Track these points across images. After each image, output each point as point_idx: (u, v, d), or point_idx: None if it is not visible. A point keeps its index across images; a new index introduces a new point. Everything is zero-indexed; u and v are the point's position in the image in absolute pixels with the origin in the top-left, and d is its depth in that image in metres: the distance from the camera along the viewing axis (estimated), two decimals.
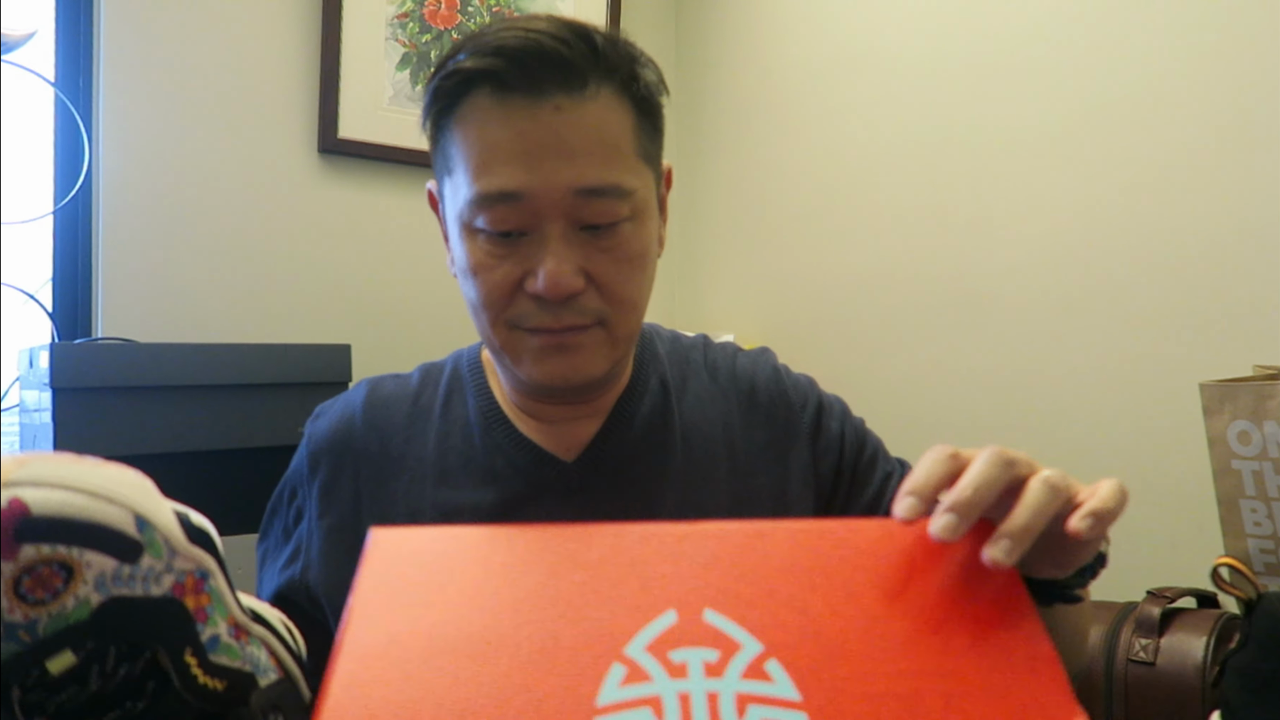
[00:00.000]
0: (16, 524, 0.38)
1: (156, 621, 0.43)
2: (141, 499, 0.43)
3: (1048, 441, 1.56)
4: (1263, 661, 0.56)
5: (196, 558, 0.46)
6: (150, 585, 0.43)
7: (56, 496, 0.40)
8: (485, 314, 0.68)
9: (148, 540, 0.42)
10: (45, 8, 1.68)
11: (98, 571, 0.41)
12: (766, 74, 2.09)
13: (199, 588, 0.45)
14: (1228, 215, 1.36)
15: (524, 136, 0.63)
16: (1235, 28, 1.35)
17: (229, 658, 0.46)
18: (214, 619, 0.46)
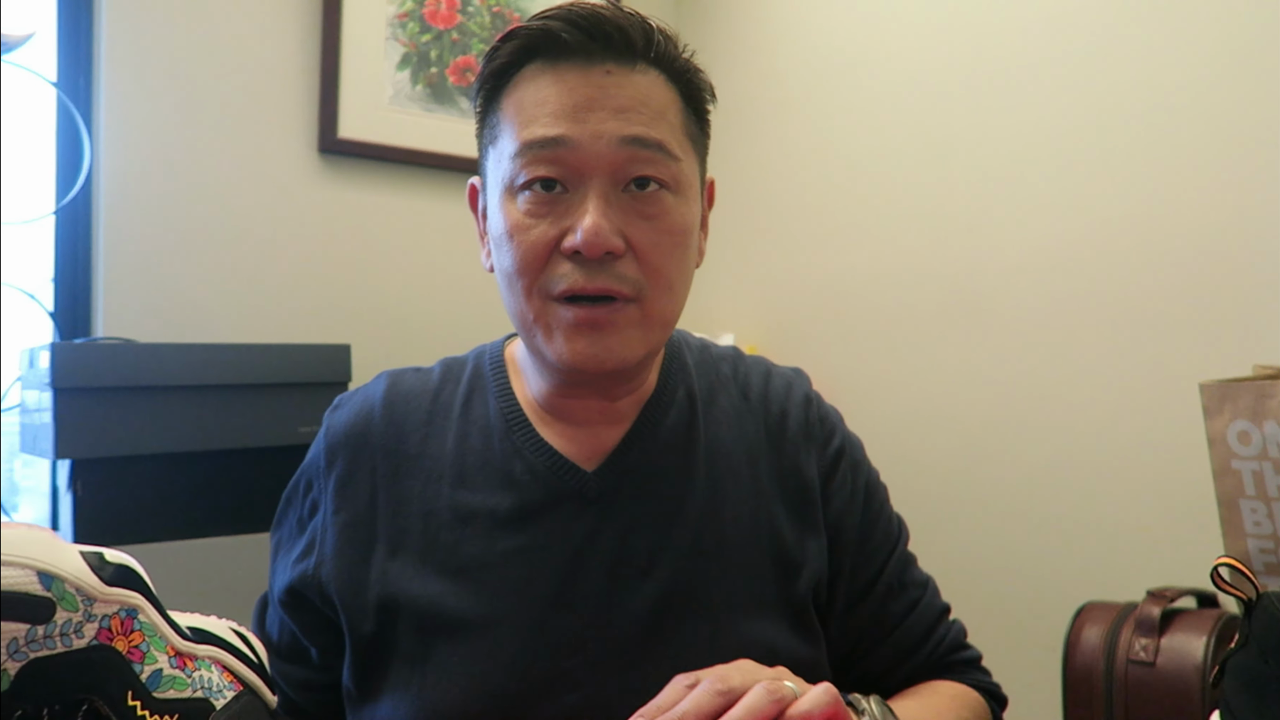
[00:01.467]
0: None
1: (87, 673, 0.42)
2: (43, 554, 0.42)
3: (1048, 442, 1.56)
4: (1263, 661, 0.56)
5: (119, 598, 0.45)
6: (71, 639, 0.42)
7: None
8: (520, 281, 0.66)
9: (57, 594, 0.42)
10: (46, 8, 1.68)
11: (9, 639, 0.40)
12: (767, 75, 2.09)
13: (128, 627, 0.45)
14: (1228, 215, 1.36)
15: (573, 91, 0.64)
16: (1235, 29, 1.35)
17: (176, 689, 0.46)
18: (151, 654, 0.46)
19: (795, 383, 0.82)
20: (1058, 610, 1.32)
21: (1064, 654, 1.20)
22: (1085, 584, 1.43)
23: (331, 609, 0.72)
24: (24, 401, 1.48)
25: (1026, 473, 1.59)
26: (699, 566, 0.71)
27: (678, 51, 0.69)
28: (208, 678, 0.48)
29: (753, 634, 0.71)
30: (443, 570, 0.69)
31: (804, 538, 0.75)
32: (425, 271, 1.95)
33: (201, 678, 0.48)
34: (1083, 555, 1.50)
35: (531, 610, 0.68)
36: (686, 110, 0.70)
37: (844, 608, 0.78)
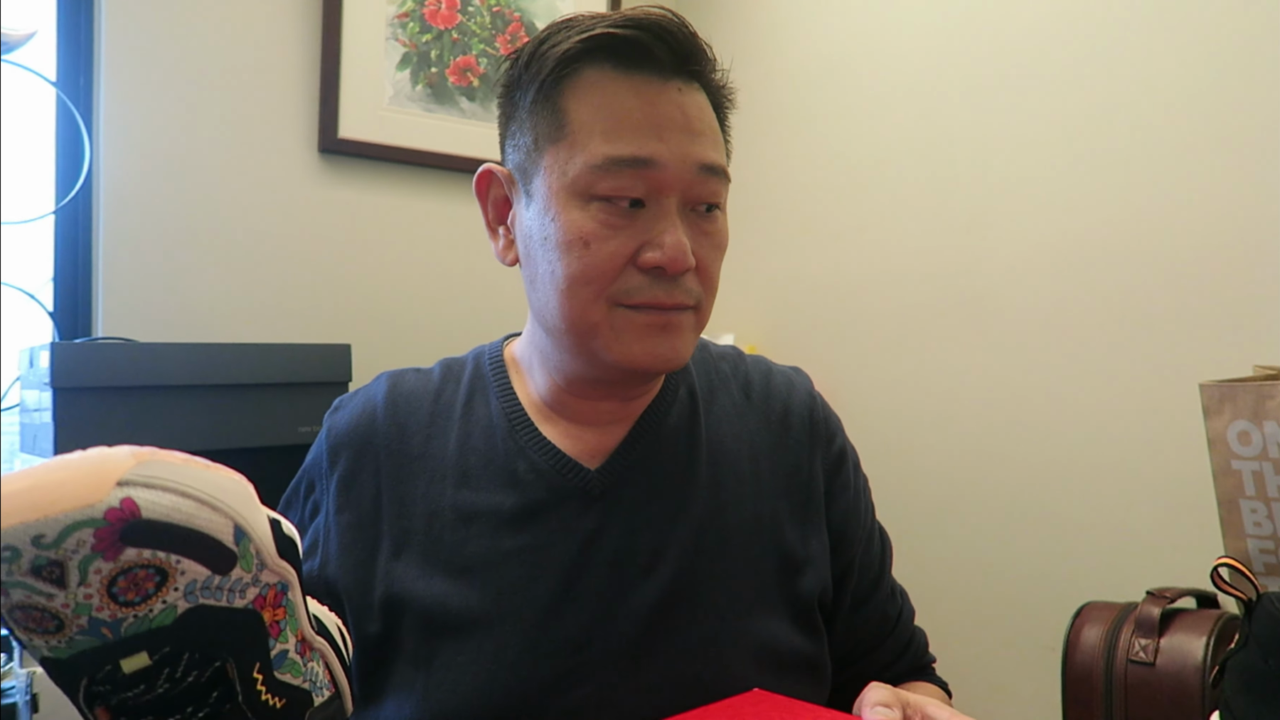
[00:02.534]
0: (125, 525, 0.39)
1: (234, 634, 0.43)
2: (243, 509, 0.43)
3: (1048, 442, 1.56)
4: (1263, 661, 0.56)
5: (282, 571, 0.46)
6: (235, 597, 0.43)
7: (167, 501, 0.40)
8: (586, 289, 0.66)
9: (242, 552, 0.42)
10: (46, 8, 1.68)
11: (190, 579, 0.41)
12: (766, 75, 2.09)
13: (277, 600, 0.45)
14: (1228, 215, 1.36)
15: (655, 108, 0.66)
16: (1235, 29, 1.35)
17: (292, 674, 0.46)
18: (285, 634, 0.46)
19: (796, 381, 0.83)
20: (1058, 610, 1.32)
21: (1064, 654, 1.20)
22: (1085, 584, 1.43)
23: (339, 607, 0.71)
24: (24, 401, 1.48)
25: (1026, 472, 1.59)
26: (702, 564, 0.71)
27: (714, 59, 0.71)
28: (316, 671, 0.48)
29: (755, 631, 0.71)
30: (447, 570, 0.69)
31: (807, 536, 0.76)
32: (425, 271, 1.95)
33: (312, 669, 0.48)
34: (1083, 555, 1.50)
35: (536, 609, 0.68)
36: (722, 128, 0.72)
37: (851, 606, 0.78)
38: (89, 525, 0.38)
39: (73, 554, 0.38)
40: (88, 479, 0.39)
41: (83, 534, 0.38)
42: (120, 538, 0.38)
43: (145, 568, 0.39)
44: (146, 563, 0.39)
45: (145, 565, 0.39)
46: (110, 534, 0.38)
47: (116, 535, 0.38)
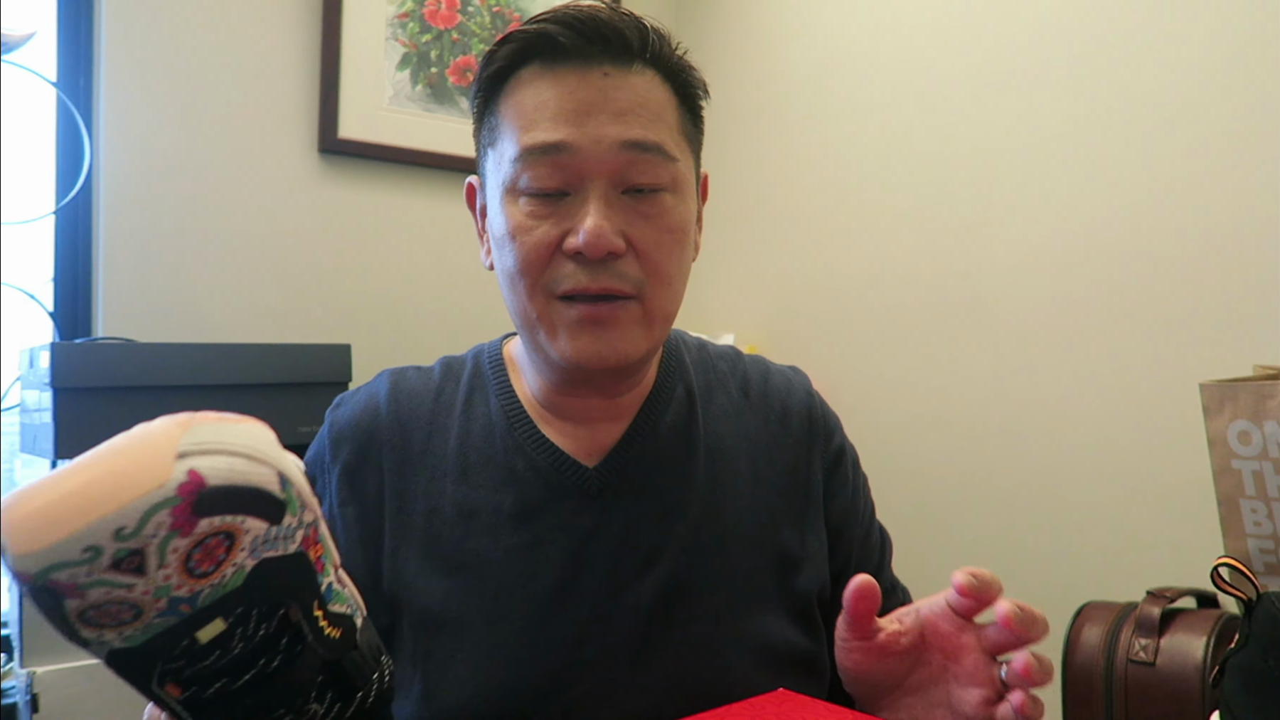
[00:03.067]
0: (195, 497, 0.38)
1: (292, 578, 0.43)
2: (279, 455, 0.43)
3: (1048, 442, 1.56)
4: (1263, 661, 0.56)
5: (314, 506, 0.45)
6: (288, 543, 0.42)
7: (223, 464, 0.39)
8: (522, 281, 0.67)
9: (287, 498, 0.42)
10: (46, 8, 1.68)
11: (252, 536, 0.40)
12: (766, 75, 2.09)
13: (315, 537, 0.45)
14: (1228, 215, 1.36)
15: (572, 95, 0.65)
16: (1235, 29, 1.35)
17: (339, 604, 0.46)
18: (327, 567, 0.46)
19: (795, 380, 0.83)
20: (1058, 610, 1.32)
21: (1064, 654, 1.20)
22: (1085, 584, 1.43)
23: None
24: (24, 401, 1.48)
25: (1026, 473, 1.59)
26: (699, 561, 0.71)
27: (672, 50, 0.70)
28: (353, 596, 0.49)
29: (753, 629, 0.71)
30: (446, 567, 0.70)
31: (805, 534, 0.76)
32: (425, 271, 1.95)
33: (350, 594, 0.48)
34: (1083, 555, 1.50)
35: (534, 606, 0.68)
36: (682, 109, 0.71)
37: None
38: (165, 505, 0.37)
39: (151, 538, 0.37)
40: (149, 459, 0.38)
41: (160, 516, 0.37)
42: (193, 511, 0.38)
43: (216, 535, 0.39)
44: (217, 530, 0.39)
45: (216, 533, 0.39)
46: (184, 509, 0.38)
47: (190, 509, 0.38)
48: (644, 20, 0.68)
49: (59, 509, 0.36)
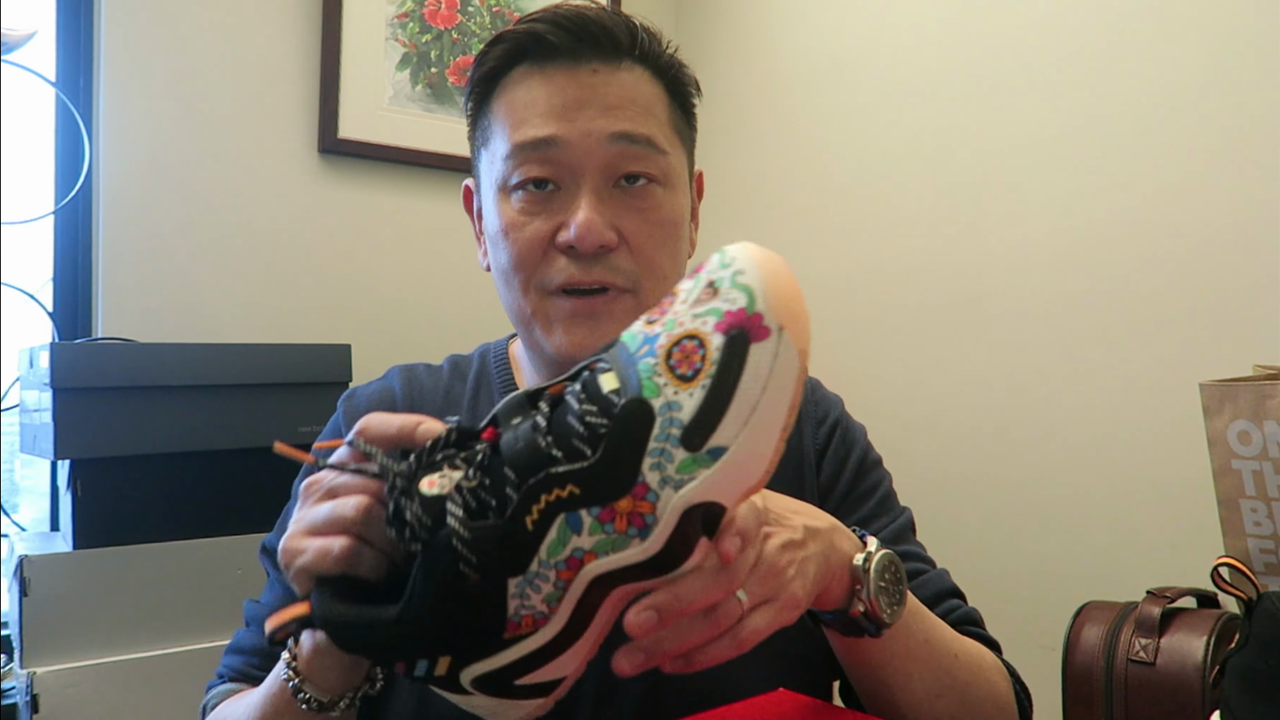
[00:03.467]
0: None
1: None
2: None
3: (1048, 441, 1.56)
4: (1263, 661, 0.56)
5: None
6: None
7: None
8: (516, 277, 0.68)
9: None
10: (45, 8, 1.68)
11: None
12: (766, 74, 2.09)
13: None
14: (1227, 215, 1.36)
15: (562, 91, 0.66)
16: (1235, 29, 1.35)
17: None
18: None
19: None
20: (1058, 610, 1.32)
21: (1064, 654, 1.20)
22: (1085, 584, 1.43)
23: None
24: (24, 401, 1.48)
25: (1026, 472, 1.59)
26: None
27: (662, 48, 0.71)
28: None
29: (760, 658, 0.69)
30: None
31: None
32: (425, 271, 1.95)
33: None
34: (1083, 555, 1.50)
35: None
36: (673, 105, 0.71)
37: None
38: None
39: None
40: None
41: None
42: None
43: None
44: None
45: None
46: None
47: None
48: (633, 19, 0.69)
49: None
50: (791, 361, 0.43)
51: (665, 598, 0.45)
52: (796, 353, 0.43)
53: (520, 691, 0.46)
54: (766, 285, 0.43)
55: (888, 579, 0.58)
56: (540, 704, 0.48)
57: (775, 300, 0.43)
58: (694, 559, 0.45)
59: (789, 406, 0.44)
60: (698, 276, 0.46)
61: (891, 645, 0.60)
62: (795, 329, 0.43)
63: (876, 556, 0.58)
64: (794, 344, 0.43)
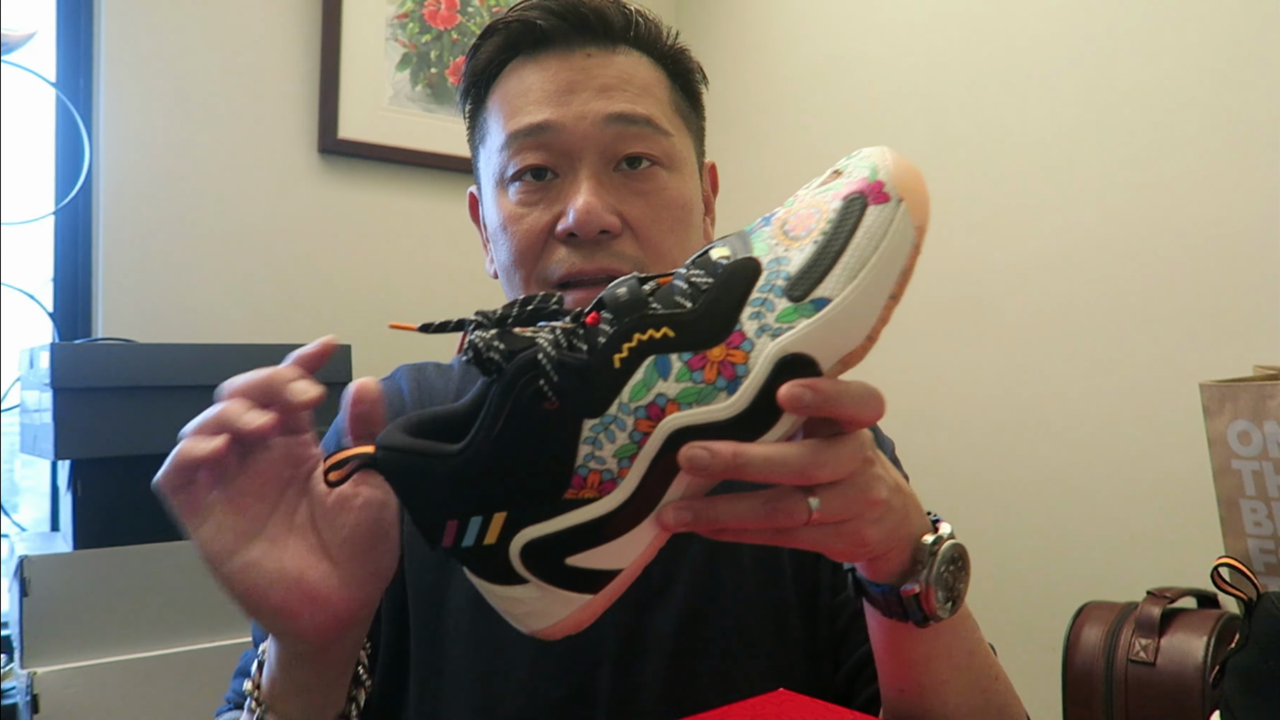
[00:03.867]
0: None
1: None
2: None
3: (1048, 441, 1.56)
4: (1263, 661, 0.56)
5: None
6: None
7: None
8: (518, 273, 0.65)
9: None
10: (45, 8, 1.68)
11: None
12: (766, 74, 2.09)
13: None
14: (1228, 215, 1.36)
15: (555, 77, 0.64)
16: (1235, 28, 1.35)
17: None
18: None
19: None
20: (1058, 610, 1.32)
21: (1064, 654, 1.20)
22: (1085, 584, 1.43)
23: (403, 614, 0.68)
24: (24, 401, 1.48)
25: (1026, 472, 1.59)
26: (712, 586, 0.67)
27: (660, 34, 0.68)
28: None
29: (766, 659, 0.67)
30: (458, 585, 0.66)
31: None
32: (425, 271, 1.95)
33: None
34: (1083, 555, 1.50)
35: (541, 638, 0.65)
36: (674, 88, 0.69)
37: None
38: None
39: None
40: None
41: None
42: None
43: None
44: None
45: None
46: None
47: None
48: (626, 4, 0.67)
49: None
50: (907, 232, 0.42)
51: (730, 447, 0.41)
52: (914, 228, 0.42)
53: (569, 577, 0.43)
54: (892, 165, 0.43)
55: (950, 570, 0.53)
56: (588, 606, 0.44)
57: (899, 176, 0.43)
58: (779, 430, 0.42)
59: (900, 273, 0.43)
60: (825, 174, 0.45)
61: (935, 643, 0.56)
62: (915, 205, 0.43)
63: (947, 542, 0.54)
64: (912, 218, 0.42)
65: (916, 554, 0.52)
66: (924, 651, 0.56)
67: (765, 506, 0.43)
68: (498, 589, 0.44)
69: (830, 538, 0.45)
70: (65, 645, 1.25)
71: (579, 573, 0.43)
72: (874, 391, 0.47)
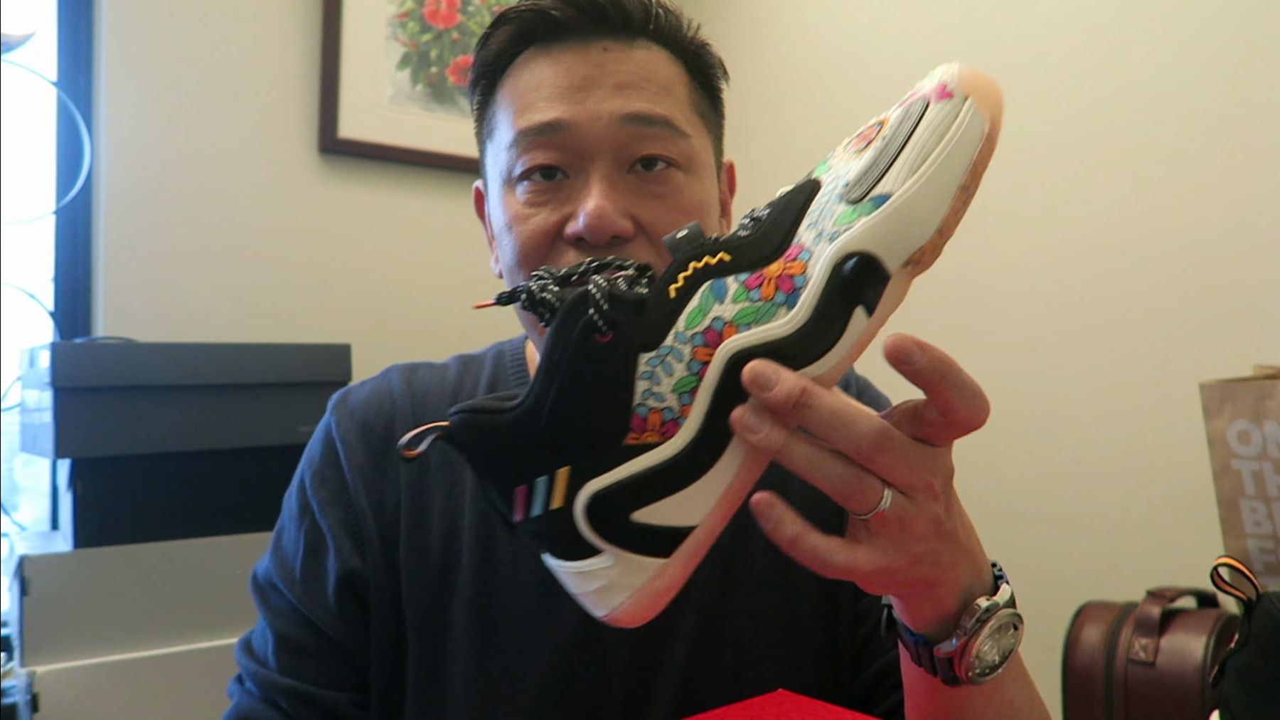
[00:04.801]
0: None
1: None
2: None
3: (1047, 441, 1.56)
4: (1263, 662, 0.56)
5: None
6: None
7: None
8: (521, 274, 0.61)
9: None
10: (46, 8, 1.68)
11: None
12: (766, 73, 2.09)
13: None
14: (1228, 215, 1.36)
15: (569, 72, 0.60)
16: (1235, 28, 1.35)
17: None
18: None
19: None
20: (1058, 610, 1.32)
21: (1064, 654, 1.20)
22: (1085, 584, 1.43)
23: (367, 612, 0.67)
24: (24, 401, 1.48)
25: (1026, 472, 1.59)
26: (729, 591, 0.66)
27: (681, 27, 0.65)
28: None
29: (788, 661, 0.66)
30: (462, 604, 0.65)
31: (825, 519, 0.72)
32: (425, 271, 1.95)
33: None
34: (1083, 555, 1.50)
35: (555, 649, 0.64)
36: (694, 86, 0.65)
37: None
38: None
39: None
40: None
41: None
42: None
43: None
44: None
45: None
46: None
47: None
48: (651, 1, 0.64)
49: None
50: (976, 124, 0.40)
51: (799, 381, 0.38)
52: (984, 119, 0.41)
53: (639, 538, 0.41)
54: (962, 70, 0.41)
55: (997, 639, 0.49)
56: (663, 572, 0.41)
57: (966, 78, 0.41)
58: (847, 343, 0.39)
59: (969, 165, 0.40)
60: None
61: (973, 696, 0.52)
62: (984, 100, 0.41)
63: (1003, 610, 0.49)
64: (981, 111, 0.41)
65: (964, 611, 0.48)
66: (959, 704, 0.52)
67: (843, 469, 0.40)
68: (570, 565, 0.42)
69: (876, 555, 0.42)
70: (65, 645, 1.25)
71: (648, 531, 0.41)
72: (985, 396, 0.41)
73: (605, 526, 0.41)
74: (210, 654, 1.33)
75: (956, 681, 0.48)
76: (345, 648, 0.66)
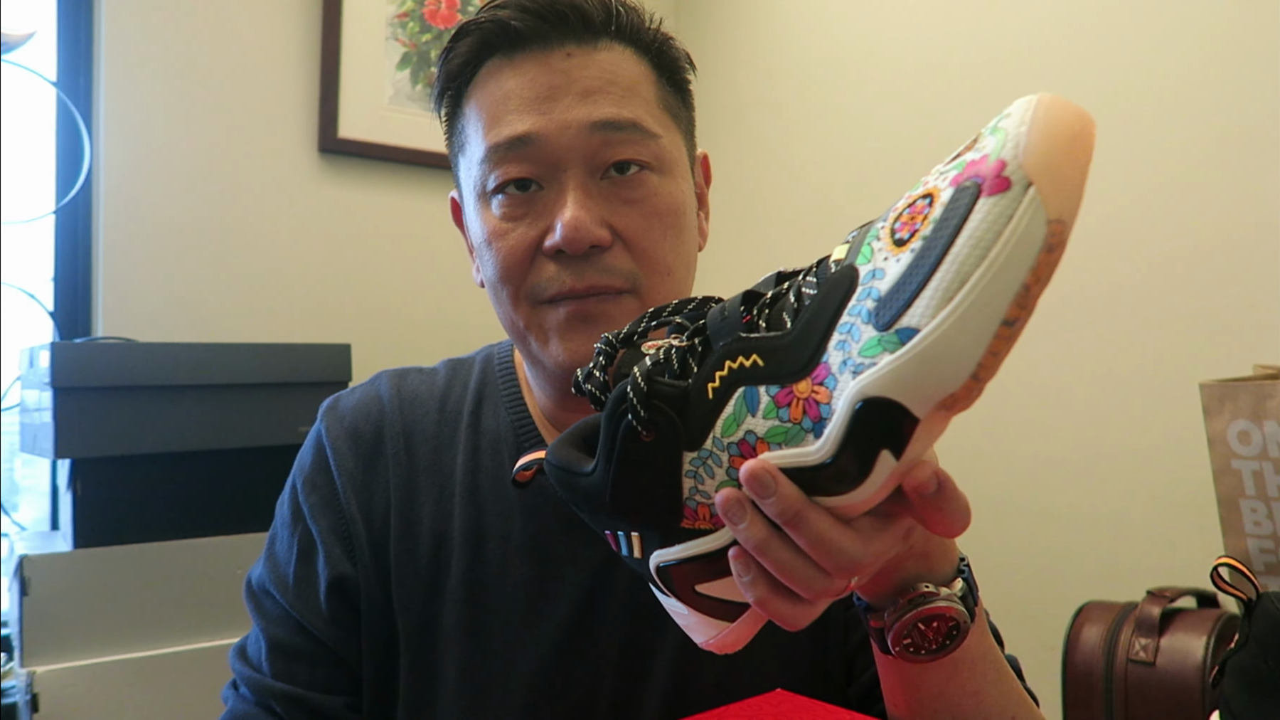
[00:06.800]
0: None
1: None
2: None
3: (1047, 441, 1.56)
4: (1263, 661, 0.56)
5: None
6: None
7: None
8: (505, 289, 0.62)
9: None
10: (45, 8, 1.68)
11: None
12: (766, 73, 2.09)
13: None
14: (1228, 215, 1.36)
15: (534, 82, 0.60)
16: (1235, 28, 1.35)
17: None
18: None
19: None
20: (1058, 610, 1.32)
21: (1064, 654, 1.20)
22: (1085, 584, 1.43)
23: (358, 616, 0.67)
24: (24, 401, 1.48)
25: (1026, 472, 1.59)
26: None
27: (643, 22, 0.64)
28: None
29: (776, 665, 0.67)
30: (452, 606, 0.65)
31: None
32: (425, 271, 1.95)
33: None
34: (1083, 555, 1.50)
35: (543, 652, 0.64)
36: (661, 82, 0.65)
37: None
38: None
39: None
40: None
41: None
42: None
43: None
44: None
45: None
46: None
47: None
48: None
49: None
50: (1035, 229, 0.32)
51: (797, 501, 0.37)
52: (1044, 220, 0.32)
53: (706, 603, 0.42)
54: (1028, 133, 0.32)
55: (920, 626, 0.49)
56: (730, 631, 0.42)
57: (1031, 147, 0.32)
58: (874, 484, 0.36)
59: (1018, 288, 0.33)
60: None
61: (925, 677, 0.54)
62: (1051, 187, 0.32)
63: (937, 603, 0.49)
64: (1043, 206, 0.32)
65: (899, 591, 0.50)
66: (915, 682, 0.55)
67: (812, 573, 0.40)
68: (663, 598, 0.44)
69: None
70: (65, 644, 1.26)
71: (711, 600, 0.42)
72: (970, 512, 0.42)
73: (675, 590, 0.43)
74: (210, 654, 1.33)
75: (889, 653, 0.50)
76: (338, 652, 0.67)
